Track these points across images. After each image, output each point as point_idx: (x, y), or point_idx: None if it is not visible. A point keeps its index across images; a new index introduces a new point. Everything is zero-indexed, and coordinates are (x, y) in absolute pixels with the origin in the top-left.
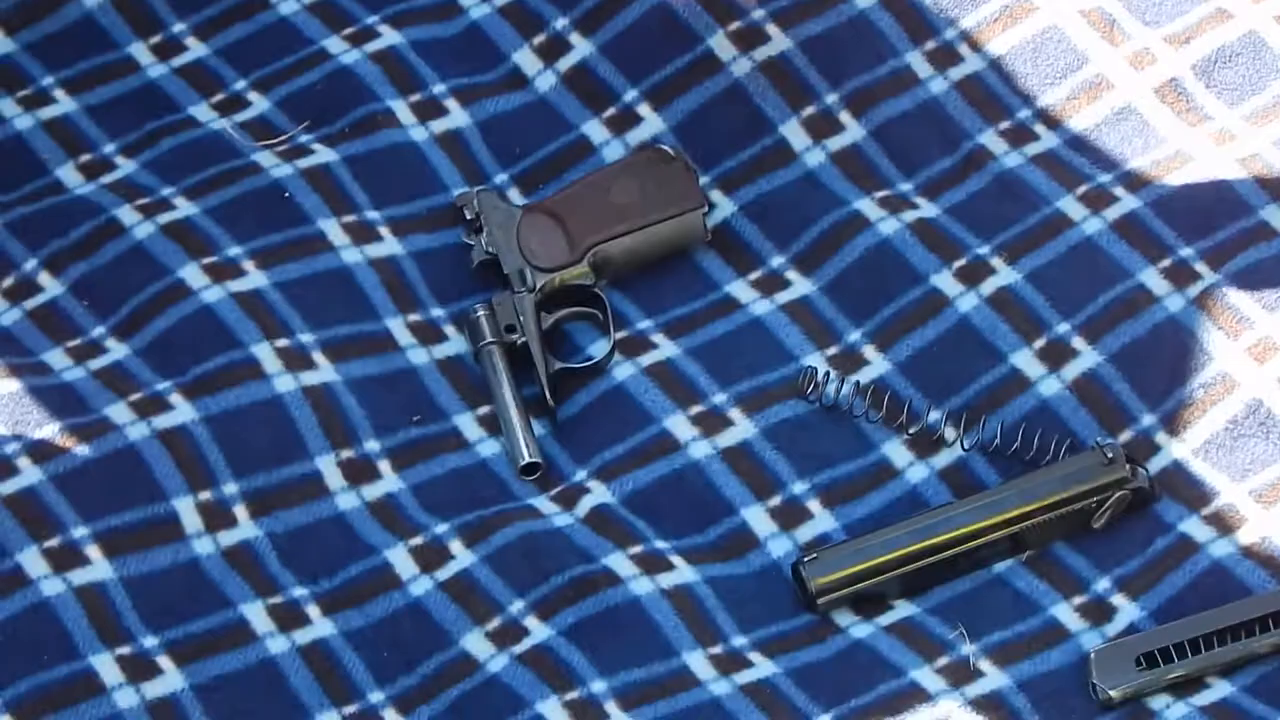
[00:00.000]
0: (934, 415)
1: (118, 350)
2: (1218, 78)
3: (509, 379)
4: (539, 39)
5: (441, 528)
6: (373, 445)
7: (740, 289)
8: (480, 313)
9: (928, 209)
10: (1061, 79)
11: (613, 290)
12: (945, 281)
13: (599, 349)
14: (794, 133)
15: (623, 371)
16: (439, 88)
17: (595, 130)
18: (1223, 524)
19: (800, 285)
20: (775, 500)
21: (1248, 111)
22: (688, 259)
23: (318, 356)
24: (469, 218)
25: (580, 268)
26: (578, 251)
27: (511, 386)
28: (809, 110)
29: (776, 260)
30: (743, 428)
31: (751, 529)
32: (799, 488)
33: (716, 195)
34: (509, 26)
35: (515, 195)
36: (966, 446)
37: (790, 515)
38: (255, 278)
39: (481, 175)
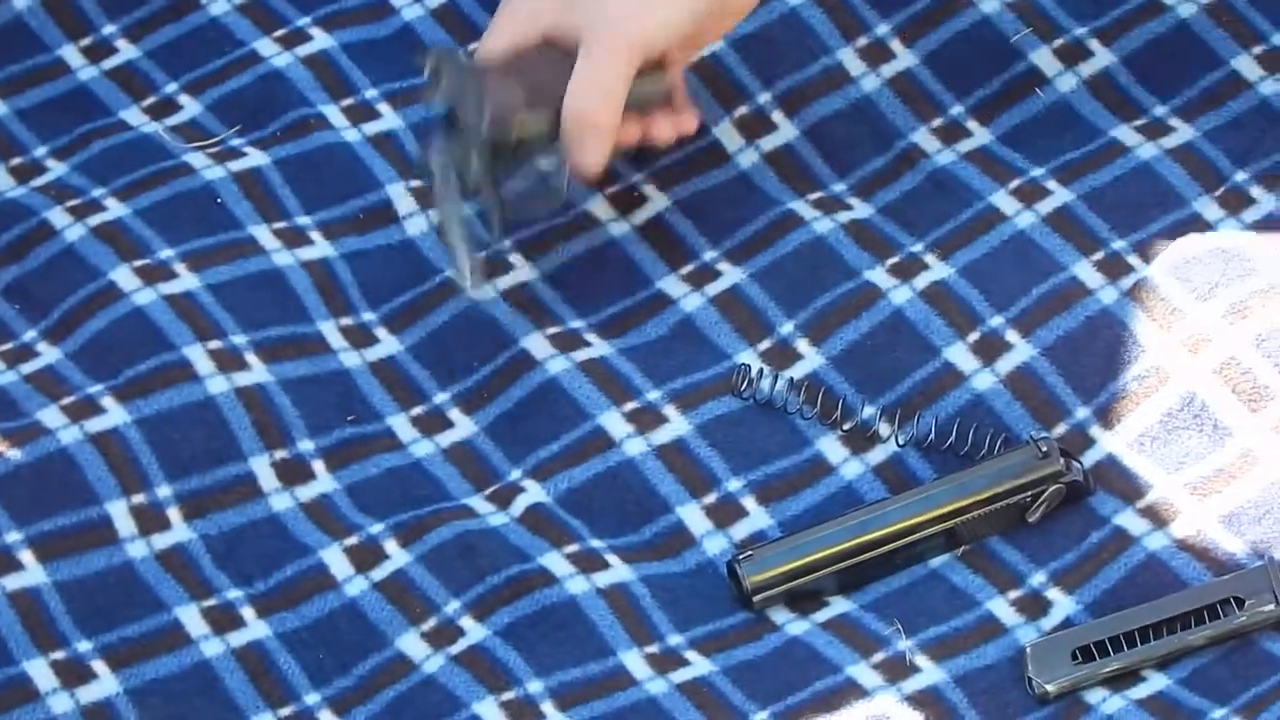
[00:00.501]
0: (868, 411)
1: (49, 354)
2: (1151, 70)
3: (455, 205)
4: (472, 46)
5: (376, 528)
6: (306, 446)
7: (672, 284)
8: (433, 154)
9: (861, 209)
10: (994, 74)
11: (544, 287)
12: (878, 276)
13: None
14: (727, 133)
15: (556, 366)
16: (371, 92)
17: None
18: (1157, 517)
19: (731, 274)
20: (710, 498)
21: (1180, 104)
22: (619, 254)
23: (250, 358)
24: (427, 72)
25: (543, 112)
26: (544, 97)
27: (458, 224)
28: (741, 110)
29: (709, 254)
30: (677, 425)
31: (687, 527)
32: (734, 485)
33: (650, 190)
34: (442, 30)
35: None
36: (901, 442)
37: (726, 513)
38: (187, 280)
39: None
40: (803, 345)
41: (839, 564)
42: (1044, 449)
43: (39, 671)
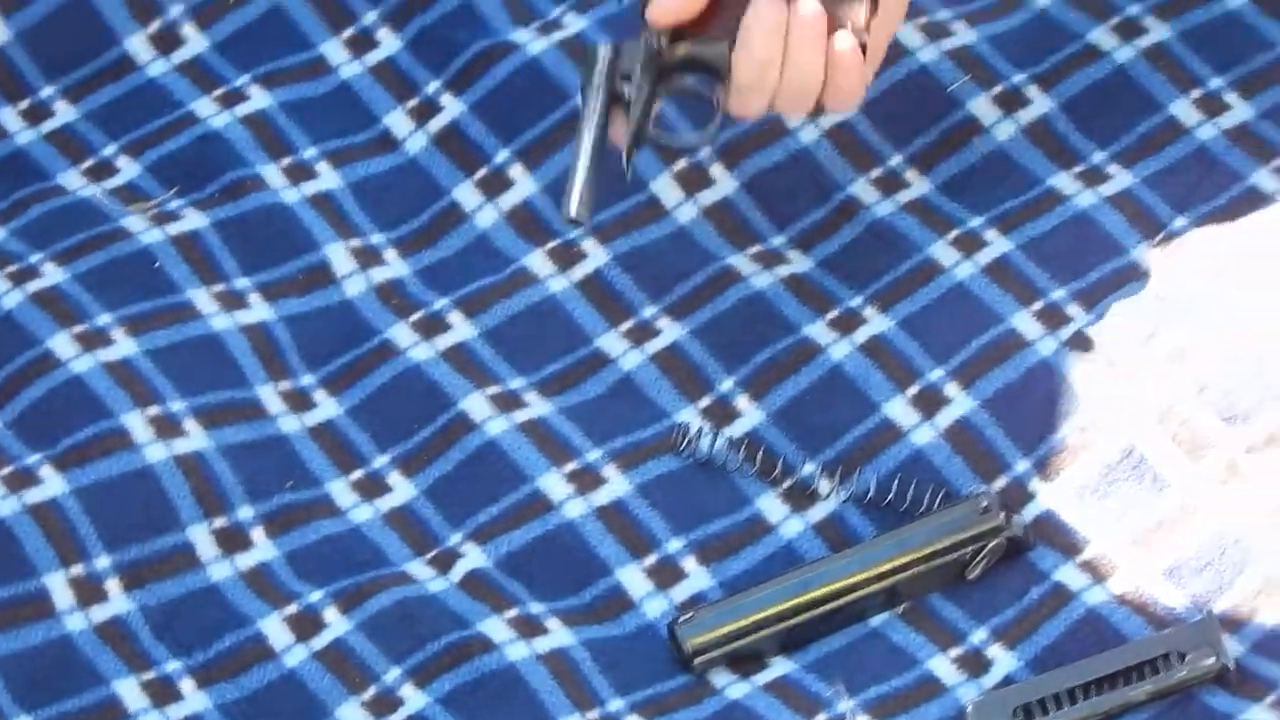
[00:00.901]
0: (808, 468)
1: None
2: (1089, 116)
3: (598, 126)
4: (411, 101)
5: (316, 595)
6: (246, 513)
7: (611, 341)
8: (603, 50)
9: (800, 263)
10: (932, 124)
11: (482, 345)
12: (818, 331)
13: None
14: (665, 187)
15: (495, 427)
16: (310, 151)
17: (467, 193)
18: (1097, 571)
19: (671, 331)
20: (651, 559)
21: (1118, 150)
22: (559, 311)
23: (189, 424)
24: None
25: (718, 43)
26: (723, 30)
27: (597, 135)
28: (680, 164)
29: (648, 310)
30: (617, 485)
31: (626, 590)
32: (674, 546)
33: (589, 245)
34: (380, 88)
35: (393, 256)
36: (841, 499)
37: (666, 574)
38: (125, 346)
39: (357, 234)
40: (742, 402)
41: (780, 624)
42: (984, 504)
43: None
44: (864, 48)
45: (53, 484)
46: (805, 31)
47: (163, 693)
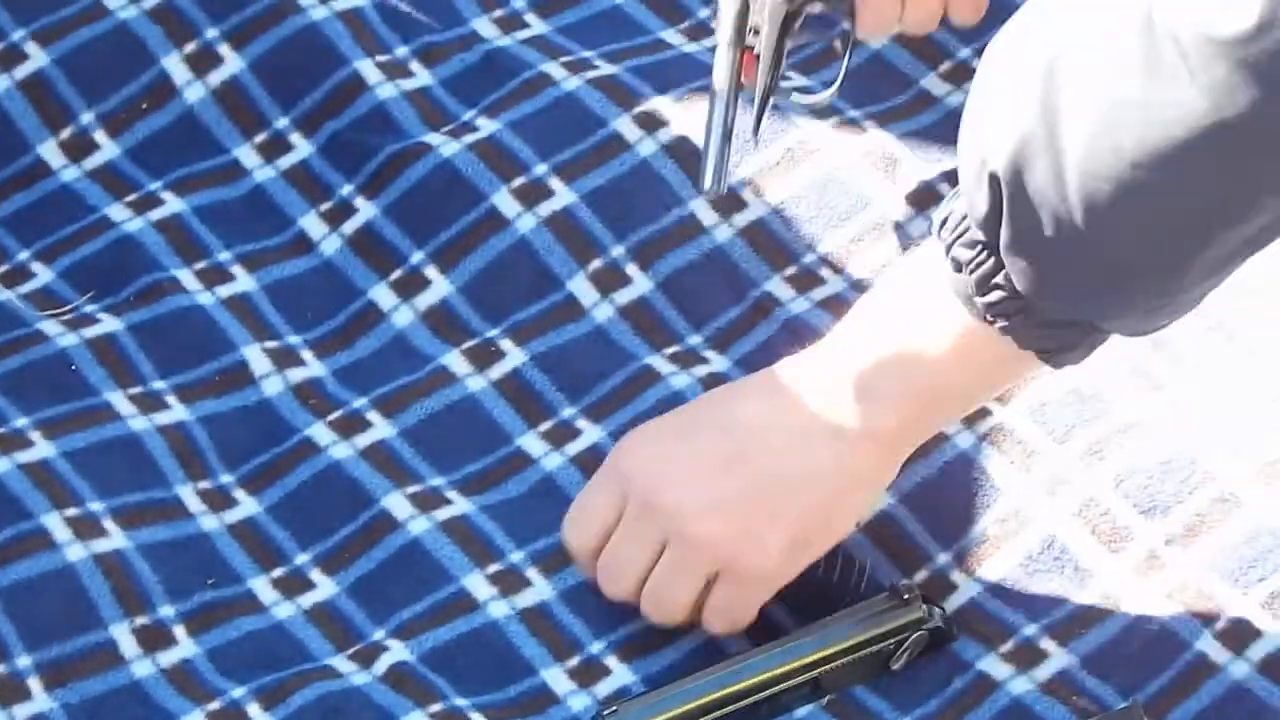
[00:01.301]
0: None
1: None
2: None
3: (731, 91)
4: (325, 204)
5: (239, 691)
6: (167, 611)
7: (531, 442)
8: (729, 5)
9: (718, 362)
10: (845, 221)
11: (403, 444)
12: None
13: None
14: (581, 287)
15: (418, 526)
16: (224, 254)
17: (383, 294)
18: (1021, 660)
19: (591, 432)
20: (574, 660)
21: None
22: (479, 410)
23: (109, 524)
24: None
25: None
26: None
27: (730, 100)
28: (595, 263)
29: (568, 411)
30: (540, 588)
31: (550, 688)
32: (596, 647)
33: (507, 345)
34: (294, 191)
35: (310, 357)
36: None
37: (589, 673)
38: (43, 448)
39: (274, 335)
40: None
41: (703, 717)
42: (906, 596)
43: None
44: None
45: None
46: None
47: None
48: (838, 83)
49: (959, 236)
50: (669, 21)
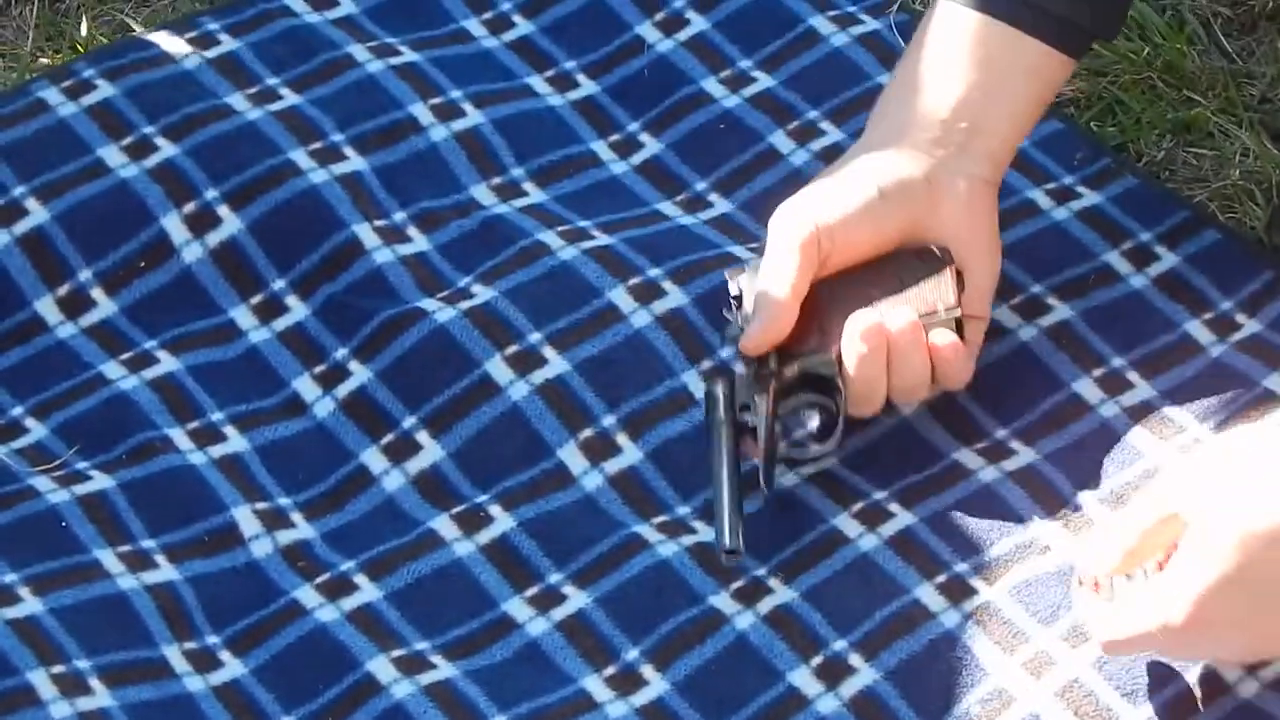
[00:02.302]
0: None
1: None
2: (993, 394)
3: (731, 459)
4: (319, 367)
5: None
6: None
7: (517, 607)
8: (720, 387)
9: (706, 534)
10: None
11: (388, 607)
12: (723, 602)
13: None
14: (572, 455)
15: (401, 690)
16: (217, 414)
17: (374, 458)
18: None
19: (578, 598)
20: None
21: (1021, 426)
22: (464, 575)
23: (94, 683)
24: (734, 294)
25: (826, 355)
26: (828, 339)
27: (732, 467)
28: (586, 433)
29: (554, 576)
30: None
31: None
32: None
33: (495, 510)
34: (289, 353)
35: (300, 519)
36: None
37: None
38: (31, 604)
39: (264, 497)
40: (648, 671)
41: None
42: None
43: None
44: (959, 323)
45: None
46: (903, 343)
47: None
48: (837, 436)
49: None
50: (666, 193)
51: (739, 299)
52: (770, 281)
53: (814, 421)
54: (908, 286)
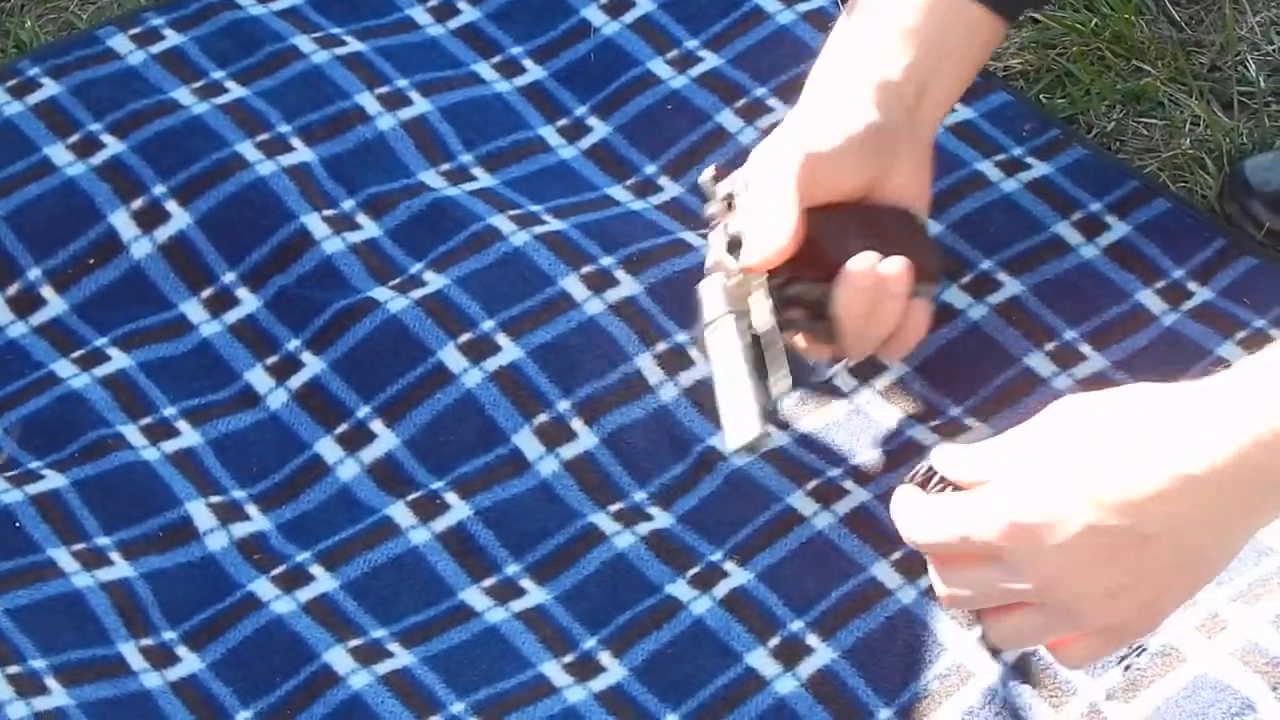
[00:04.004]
0: (670, 718)
1: None
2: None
3: (740, 344)
4: (271, 359)
5: None
6: None
7: (474, 595)
8: (717, 283)
9: (661, 519)
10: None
11: (345, 597)
12: (679, 589)
13: None
14: (526, 441)
15: (359, 680)
16: (169, 410)
17: (328, 448)
18: None
19: (536, 594)
20: None
21: (973, 405)
22: (421, 563)
23: (50, 682)
24: (721, 195)
25: (821, 284)
26: (819, 269)
27: (740, 354)
28: (541, 418)
29: (511, 568)
30: None
31: None
32: None
33: (451, 497)
34: (241, 346)
35: (255, 511)
36: None
37: None
38: None
39: (219, 490)
40: (605, 658)
41: None
42: None
43: None
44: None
45: None
46: (893, 289)
47: None
48: (843, 364)
49: None
50: (615, 177)
51: (729, 199)
52: (771, 199)
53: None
54: (895, 239)
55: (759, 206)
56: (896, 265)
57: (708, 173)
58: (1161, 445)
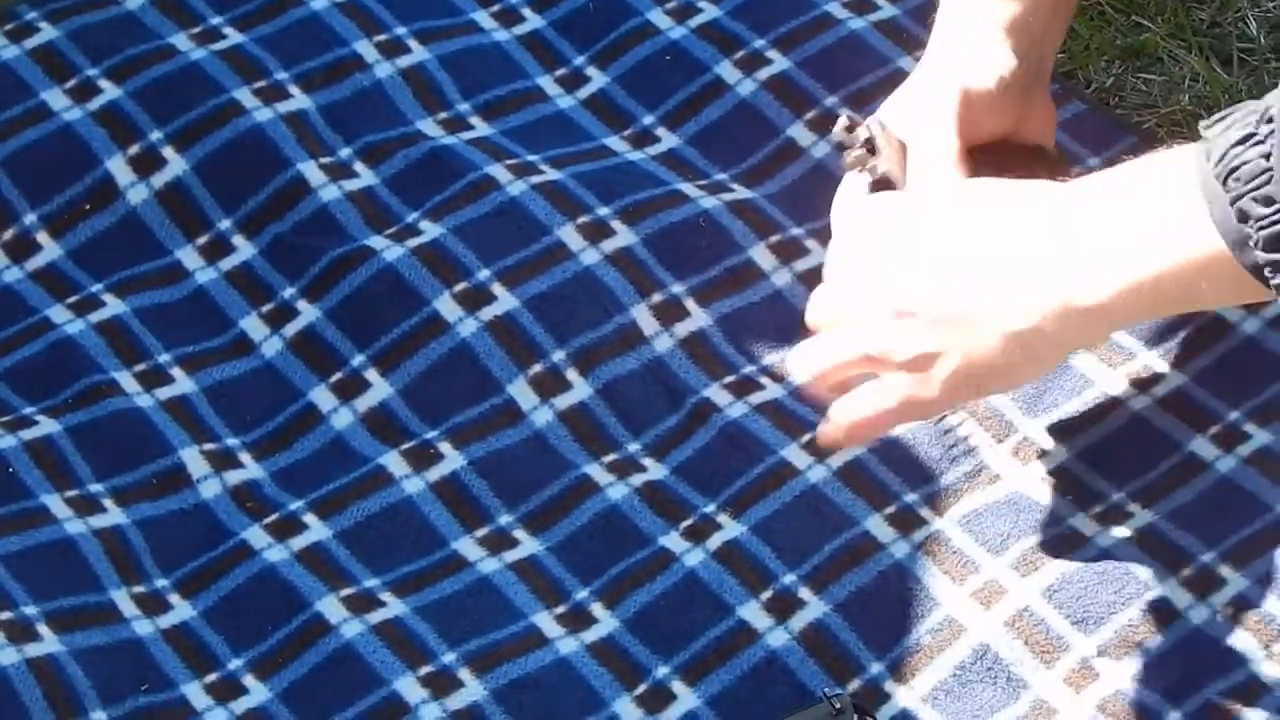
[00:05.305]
0: (662, 670)
1: None
2: None
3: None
4: (266, 306)
5: None
6: (99, 716)
7: (467, 546)
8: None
9: (655, 470)
10: (787, 338)
11: (338, 546)
12: (672, 541)
13: None
14: (521, 391)
15: (351, 629)
16: (164, 356)
17: (322, 396)
18: None
19: (529, 544)
20: None
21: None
22: (414, 513)
23: (42, 629)
24: (863, 140)
25: None
26: None
27: None
28: (536, 368)
29: (505, 518)
30: (473, 689)
31: None
32: None
33: (445, 447)
34: (236, 293)
35: (249, 459)
36: (697, 701)
37: None
38: None
39: (212, 438)
40: (598, 609)
41: None
42: (837, 706)
43: None
44: None
45: None
46: None
47: None
48: None
49: (1254, 189)
50: (613, 128)
51: (870, 143)
52: (935, 135)
53: None
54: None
55: (922, 145)
56: None
57: (840, 124)
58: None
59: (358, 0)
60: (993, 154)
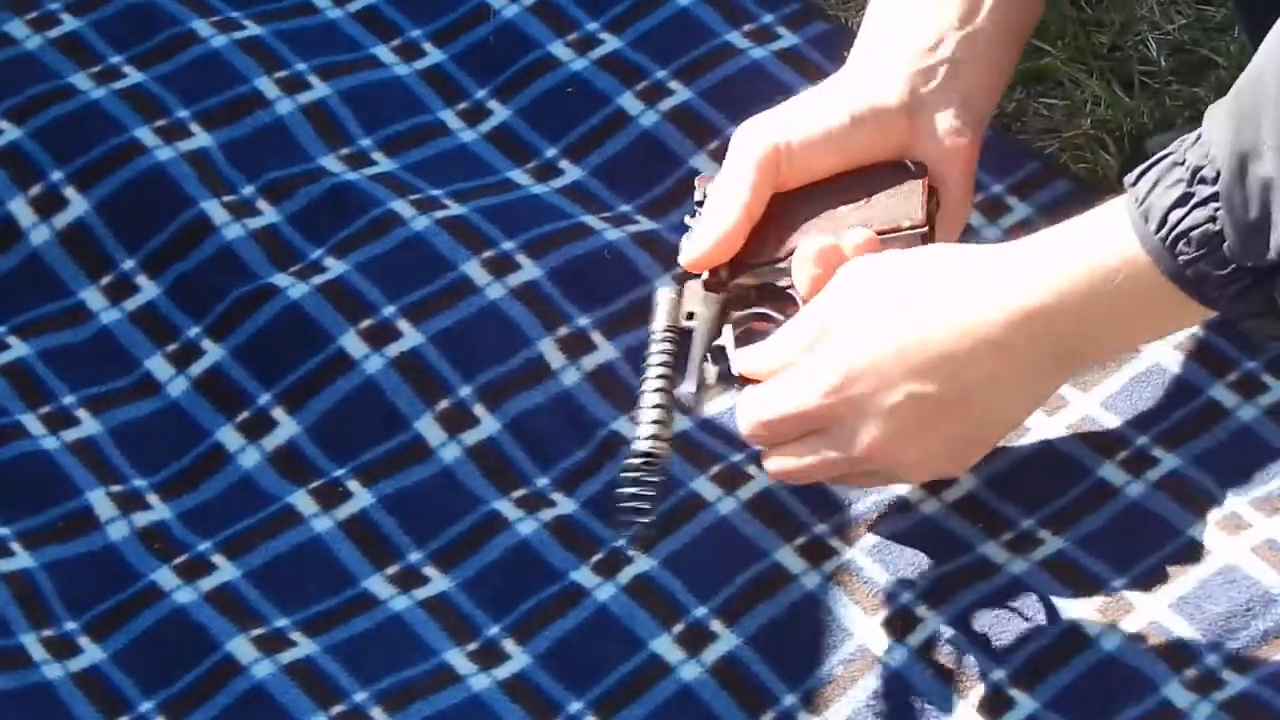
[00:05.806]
0: (575, 706)
1: None
2: None
3: (659, 365)
4: (171, 346)
5: None
6: None
7: (377, 584)
8: (667, 293)
9: (564, 505)
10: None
11: (247, 586)
12: (583, 576)
13: None
14: (429, 428)
15: (262, 670)
16: (69, 399)
17: (229, 436)
18: None
19: (439, 581)
20: None
21: None
22: (323, 552)
23: None
24: (697, 199)
25: (783, 267)
26: (785, 250)
27: (657, 373)
28: (443, 404)
29: (414, 555)
30: None
31: None
32: None
33: (354, 485)
34: (140, 333)
35: (156, 500)
36: None
37: None
38: None
39: (119, 479)
40: (509, 645)
41: None
42: None
43: None
44: (926, 240)
45: None
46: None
47: None
48: None
49: (1205, 254)
50: (516, 161)
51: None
52: (721, 199)
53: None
54: (874, 198)
55: (709, 204)
56: (856, 237)
57: (697, 181)
58: (968, 310)
59: (258, 37)
60: (818, 190)
